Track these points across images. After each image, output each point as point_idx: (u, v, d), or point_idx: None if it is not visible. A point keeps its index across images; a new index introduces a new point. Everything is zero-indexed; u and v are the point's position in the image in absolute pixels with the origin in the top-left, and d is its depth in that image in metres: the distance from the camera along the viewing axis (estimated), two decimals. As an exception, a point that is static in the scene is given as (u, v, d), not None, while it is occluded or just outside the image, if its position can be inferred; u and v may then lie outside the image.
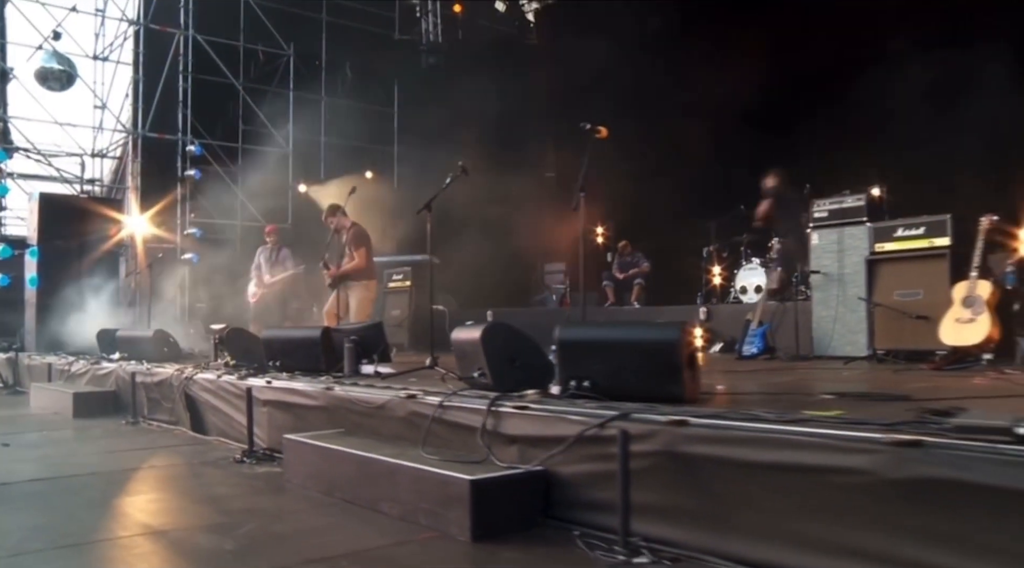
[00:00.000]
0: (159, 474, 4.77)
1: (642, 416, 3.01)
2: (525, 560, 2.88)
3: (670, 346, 3.40)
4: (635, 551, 2.84)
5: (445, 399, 3.84)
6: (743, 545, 2.70)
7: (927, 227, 6.50)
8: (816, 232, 7.53)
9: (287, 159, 15.01)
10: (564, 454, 3.21)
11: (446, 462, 3.40)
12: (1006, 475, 2.17)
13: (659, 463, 2.93)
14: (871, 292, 6.78)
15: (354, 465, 3.81)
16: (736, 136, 11.24)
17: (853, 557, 2.44)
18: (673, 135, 11.78)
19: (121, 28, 13.64)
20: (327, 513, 3.65)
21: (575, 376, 3.56)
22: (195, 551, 3.10)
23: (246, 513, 3.69)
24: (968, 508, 2.23)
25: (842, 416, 2.85)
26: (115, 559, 2.99)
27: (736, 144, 11.38)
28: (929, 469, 2.30)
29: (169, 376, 6.52)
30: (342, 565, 2.85)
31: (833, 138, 10.14)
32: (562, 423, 3.25)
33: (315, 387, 4.85)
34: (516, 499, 3.24)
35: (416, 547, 3.07)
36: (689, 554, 2.80)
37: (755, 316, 7.70)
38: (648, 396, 3.33)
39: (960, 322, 5.51)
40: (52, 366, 9.12)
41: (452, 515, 3.16)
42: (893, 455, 2.37)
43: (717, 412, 2.97)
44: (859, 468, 2.43)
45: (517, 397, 3.59)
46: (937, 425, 2.42)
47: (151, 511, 3.79)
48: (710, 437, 2.82)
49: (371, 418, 4.33)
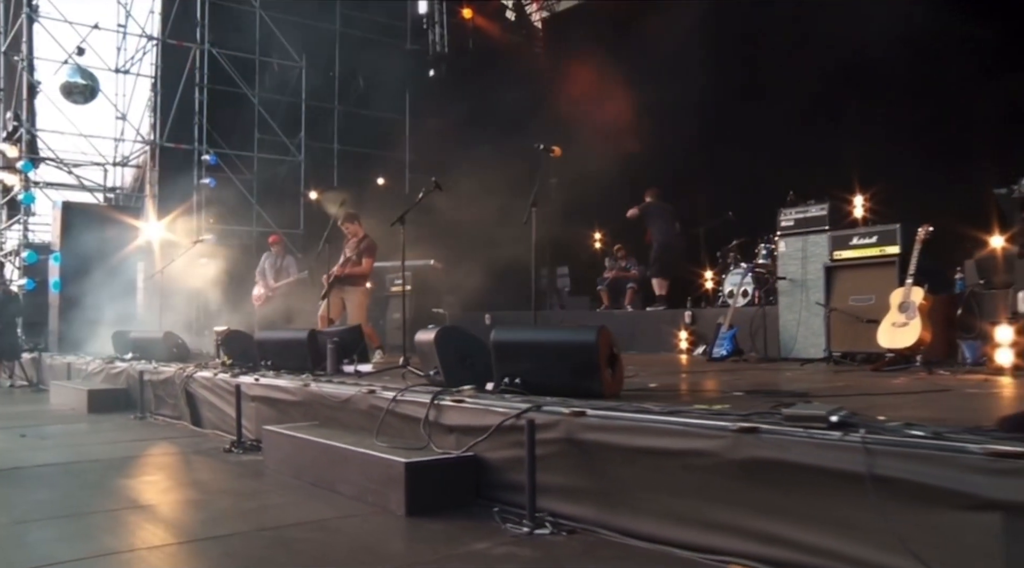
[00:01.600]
0: (154, 461, 5.32)
1: (550, 408, 3.48)
2: (446, 530, 3.36)
3: (589, 347, 3.85)
4: (539, 524, 3.31)
5: (399, 394, 4.34)
6: (628, 519, 3.17)
7: (879, 236, 6.88)
8: (783, 240, 7.93)
9: (300, 167, 15.62)
10: (489, 441, 3.69)
11: (392, 448, 3.90)
12: (820, 456, 2.62)
13: (562, 449, 3.40)
14: (829, 297, 7.17)
15: (317, 452, 4.31)
16: (728, 145, 11.59)
17: (709, 528, 2.90)
18: (667, 142, 12.18)
19: (141, 43, 14.32)
20: (292, 493, 4.16)
21: (508, 373, 4.03)
22: (170, 521, 3.62)
23: (222, 493, 4.22)
24: (791, 484, 2.67)
25: (724, 409, 3.30)
26: (102, 526, 3.51)
27: (727, 153, 11.74)
28: (760, 451, 2.75)
29: (172, 374, 7.09)
30: (290, 532, 3.36)
31: (816, 146, 10.50)
32: (489, 414, 3.73)
33: (294, 384, 5.37)
34: (448, 480, 3.72)
35: (358, 519, 3.56)
36: (584, 527, 3.27)
37: (726, 320, 8.11)
38: (570, 392, 3.79)
39: (895, 326, 5.89)
40: (71, 365, 9.75)
41: (391, 493, 3.65)
42: (735, 440, 2.82)
43: (612, 405, 3.43)
44: (710, 451, 2.88)
45: (455, 392, 4.08)
46: (774, 414, 2.87)
47: (140, 490, 4.31)
48: (603, 426, 3.28)
49: (340, 411, 4.84)
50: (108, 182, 14.51)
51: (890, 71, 10.04)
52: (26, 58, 13.23)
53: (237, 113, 14.85)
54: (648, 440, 3.12)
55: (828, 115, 10.56)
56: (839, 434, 2.58)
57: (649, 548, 3.01)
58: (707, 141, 11.86)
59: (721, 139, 11.68)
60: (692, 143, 11.92)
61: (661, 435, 3.07)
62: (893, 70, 9.93)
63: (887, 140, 9.72)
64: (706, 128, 11.72)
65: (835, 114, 10.50)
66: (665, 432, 3.07)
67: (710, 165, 12.17)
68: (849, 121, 10.34)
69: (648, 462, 3.12)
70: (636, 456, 3.16)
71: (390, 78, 16.63)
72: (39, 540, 3.27)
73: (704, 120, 11.80)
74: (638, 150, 12.91)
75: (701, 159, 12.29)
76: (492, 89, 15.11)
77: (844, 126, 10.40)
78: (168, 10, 14.11)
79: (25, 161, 12.74)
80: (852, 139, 10.32)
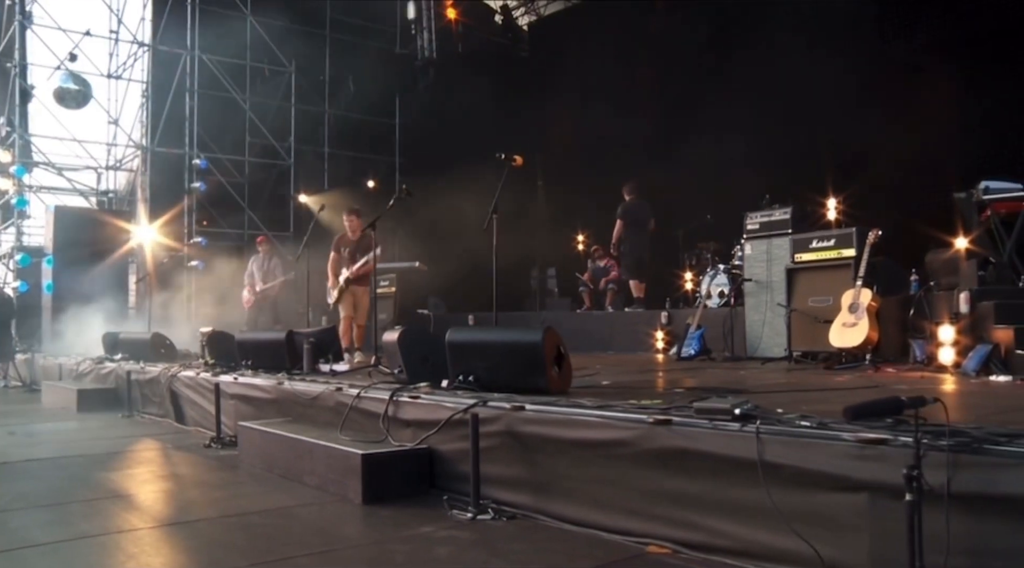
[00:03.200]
0: (135, 456, 5.59)
1: (494, 403, 3.76)
2: (397, 516, 3.64)
3: (535, 346, 4.12)
4: (483, 510, 3.58)
5: (362, 391, 4.62)
6: (561, 505, 3.46)
7: (836, 239, 7.15)
8: (749, 243, 8.21)
9: (290, 171, 15.89)
10: (440, 434, 3.97)
11: (353, 442, 4.18)
12: (720, 444, 2.90)
13: (503, 441, 3.68)
14: (790, 299, 7.44)
15: (286, 445, 4.59)
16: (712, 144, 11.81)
17: (630, 513, 3.18)
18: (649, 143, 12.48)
19: (132, 49, 14.58)
20: (261, 484, 4.44)
21: (462, 371, 4.31)
22: (143, 508, 3.90)
23: (196, 485, 4.50)
24: (697, 471, 2.95)
25: (652, 404, 3.57)
26: (79, 512, 3.78)
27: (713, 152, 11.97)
28: (671, 441, 3.03)
29: (158, 374, 7.36)
30: (251, 518, 3.64)
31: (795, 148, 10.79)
32: (440, 409, 4.02)
33: (269, 382, 5.66)
34: (403, 470, 4.00)
35: (317, 507, 3.84)
36: (523, 513, 3.55)
37: (694, 320, 8.39)
38: (519, 389, 4.06)
39: (845, 326, 6.17)
40: (62, 366, 10.03)
41: (350, 483, 3.93)
42: (650, 431, 3.10)
43: (550, 400, 3.71)
44: (628, 441, 3.16)
45: (412, 388, 4.36)
46: (688, 408, 3.15)
47: (120, 482, 4.59)
48: (539, 419, 3.56)
49: (309, 408, 5.12)
50: (100, 186, 14.78)
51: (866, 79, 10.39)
52: (19, 64, 13.48)
53: (228, 117, 15.12)
54: (578, 432, 3.40)
55: (807, 118, 10.83)
56: (738, 425, 2.86)
57: (578, 532, 3.29)
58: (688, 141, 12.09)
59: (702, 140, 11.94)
60: (673, 143, 12.15)
61: (589, 427, 3.35)
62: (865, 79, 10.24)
63: (863, 145, 10.04)
64: (686, 129, 11.96)
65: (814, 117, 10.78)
66: (592, 424, 3.35)
67: (690, 166, 12.42)
68: (828, 124, 10.63)
69: (578, 453, 3.40)
70: (568, 447, 3.44)
71: (379, 82, 16.90)
72: (19, 526, 3.54)
73: (685, 121, 12.06)
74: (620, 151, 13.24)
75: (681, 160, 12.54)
76: (480, 92, 15.40)
77: (823, 128, 10.71)
78: (159, 16, 14.38)
79: (18, 166, 13.00)
80: (829, 142, 10.64)
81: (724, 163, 11.52)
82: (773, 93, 11.41)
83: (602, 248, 12.59)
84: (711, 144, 11.97)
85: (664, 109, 13.12)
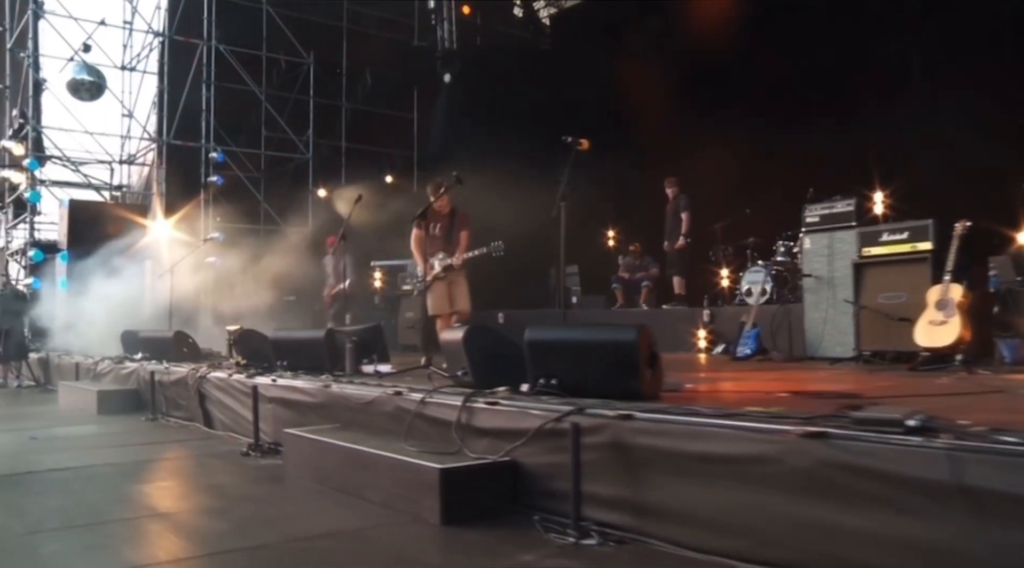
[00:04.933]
0: (169, 466, 5.15)
1: (594, 411, 3.30)
2: (485, 541, 3.18)
3: (629, 346, 3.67)
4: (585, 533, 3.12)
5: (426, 396, 4.16)
6: (678, 529, 2.98)
7: (911, 232, 6.69)
8: (808, 236, 7.74)
9: (307, 164, 15.46)
10: (527, 446, 3.50)
11: (422, 453, 3.71)
12: (899, 462, 2.43)
13: (608, 454, 3.21)
14: (858, 295, 6.98)
15: (343, 456, 4.13)
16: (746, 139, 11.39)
17: (767, 541, 2.70)
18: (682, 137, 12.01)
19: (147, 40, 14.17)
20: (317, 499, 3.98)
21: (543, 374, 3.85)
22: (191, 530, 3.44)
23: (243, 499, 4.04)
24: (862, 497, 2.48)
25: (780, 412, 3.11)
26: (119, 535, 3.33)
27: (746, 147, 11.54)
28: (828, 457, 2.56)
29: (184, 375, 6.91)
30: (320, 543, 3.18)
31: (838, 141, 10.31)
32: (526, 417, 3.55)
33: (314, 385, 5.19)
34: (484, 487, 3.54)
35: (389, 528, 3.38)
36: (633, 537, 3.08)
37: (749, 319, 7.93)
38: (609, 393, 3.60)
39: (933, 324, 5.71)
40: (79, 365, 9.58)
41: (425, 501, 3.47)
42: (799, 445, 2.63)
43: (661, 407, 3.25)
44: (770, 457, 2.70)
45: (489, 393, 3.89)
46: (843, 418, 2.69)
47: (157, 497, 4.14)
48: (652, 430, 3.09)
49: (362, 413, 4.65)
50: (115, 180, 14.38)
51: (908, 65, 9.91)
52: (32, 55, 13.07)
53: (244, 110, 14.71)
54: (700, 445, 2.94)
55: (846, 111, 10.39)
56: (920, 440, 2.40)
57: (704, 560, 2.83)
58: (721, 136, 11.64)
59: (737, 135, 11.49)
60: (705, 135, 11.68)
61: (718, 440, 2.89)
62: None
63: (906, 136, 9.55)
64: (720, 123, 11.49)
65: (853, 110, 10.33)
66: (722, 437, 2.88)
67: (723, 159, 11.97)
68: (868, 116, 10.17)
69: (702, 469, 2.93)
70: (688, 462, 2.97)
71: (398, 75, 16.49)
72: (56, 552, 3.09)
73: (718, 116, 11.59)
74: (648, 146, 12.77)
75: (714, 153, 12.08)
76: (501, 85, 14.94)
77: (863, 122, 10.24)
78: (175, 6, 13.98)
79: (31, 159, 12.60)
80: (871, 135, 10.16)
81: (758, 157, 11.09)
82: (812, 80, 10.99)
83: (640, 247, 12.18)
84: (744, 136, 11.55)
85: (695, 100, 12.62)
